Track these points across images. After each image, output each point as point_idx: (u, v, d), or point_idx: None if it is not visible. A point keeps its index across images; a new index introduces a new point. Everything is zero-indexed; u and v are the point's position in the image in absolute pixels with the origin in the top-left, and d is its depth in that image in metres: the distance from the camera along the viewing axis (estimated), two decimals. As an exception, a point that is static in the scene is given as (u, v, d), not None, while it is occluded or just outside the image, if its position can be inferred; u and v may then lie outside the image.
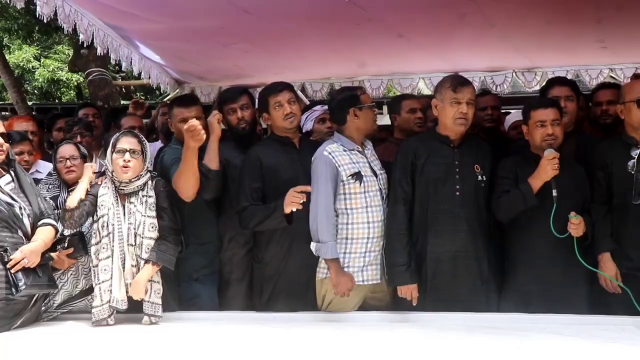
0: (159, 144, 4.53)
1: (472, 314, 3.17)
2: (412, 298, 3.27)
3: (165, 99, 7.56)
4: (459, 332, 2.92)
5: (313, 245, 3.30)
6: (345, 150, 3.37)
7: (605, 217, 3.28)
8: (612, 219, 3.29)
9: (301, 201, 3.20)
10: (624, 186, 3.24)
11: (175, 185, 3.38)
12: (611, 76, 5.38)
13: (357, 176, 3.33)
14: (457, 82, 3.29)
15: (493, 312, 3.24)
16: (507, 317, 3.14)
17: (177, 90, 5.84)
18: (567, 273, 3.23)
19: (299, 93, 5.24)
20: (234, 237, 3.52)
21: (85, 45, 5.45)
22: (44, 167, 3.98)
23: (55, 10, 3.62)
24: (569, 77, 4.98)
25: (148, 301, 3.22)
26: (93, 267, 3.23)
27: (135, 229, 3.25)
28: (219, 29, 4.22)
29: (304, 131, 4.02)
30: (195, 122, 3.23)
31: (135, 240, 3.25)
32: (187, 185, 3.35)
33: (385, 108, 7.55)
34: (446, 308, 3.21)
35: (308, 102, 5.46)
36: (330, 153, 3.35)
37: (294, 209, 3.22)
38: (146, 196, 3.30)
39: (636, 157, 3.23)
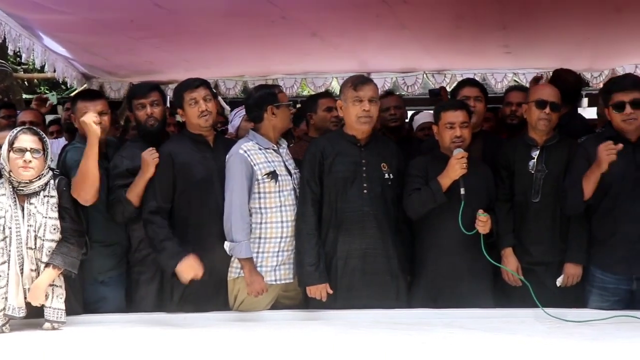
0: (62, 142, 4.34)
1: (382, 310, 3.22)
2: (321, 297, 3.29)
3: (72, 94, 7.27)
4: (368, 328, 2.97)
5: (227, 245, 3.27)
6: (260, 149, 3.36)
7: (508, 214, 3.42)
8: (514, 216, 3.43)
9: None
10: (525, 185, 3.40)
11: (73, 189, 3.23)
12: (515, 80, 5.66)
13: (273, 175, 3.32)
14: (357, 80, 3.34)
15: (403, 307, 3.31)
16: (415, 313, 3.22)
17: (85, 85, 5.64)
18: (473, 269, 3.34)
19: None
20: (145, 238, 3.41)
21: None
22: None
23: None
24: (476, 79, 5.17)
25: (49, 307, 3.07)
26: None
27: (35, 231, 3.09)
28: (129, 23, 4.09)
29: (231, 127, 3.97)
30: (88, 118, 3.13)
31: (35, 243, 3.09)
32: (87, 191, 3.22)
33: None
34: (357, 305, 3.25)
35: (222, 100, 5.42)
36: (245, 151, 3.32)
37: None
38: (48, 196, 3.14)
39: (536, 157, 3.39)
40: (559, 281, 3.34)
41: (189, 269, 3.23)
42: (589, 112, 6.16)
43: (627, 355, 2.58)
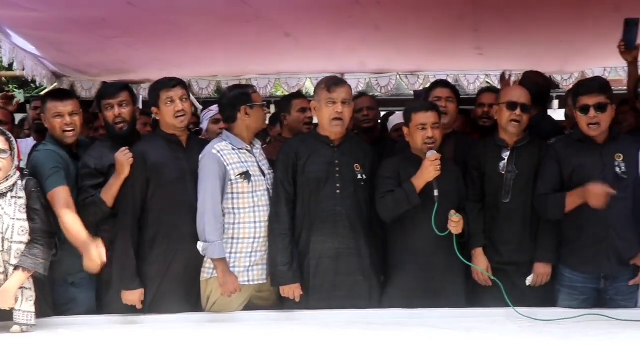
0: (31, 141, 4.26)
1: (356, 310, 3.24)
2: (294, 297, 3.31)
3: (41, 93, 7.17)
4: (342, 328, 2.99)
5: (200, 245, 3.26)
6: (234, 149, 3.35)
7: (479, 214, 3.45)
8: (485, 217, 3.46)
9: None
10: (495, 186, 3.43)
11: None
12: (487, 82, 5.72)
13: (246, 175, 3.32)
14: (331, 82, 3.37)
15: (376, 307, 3.33)
16: (388, 313, 3.24)
17: (55, 83, 5.55)
18: (446, 269, 3.37)
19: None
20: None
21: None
22: None
23: None
24: (449, 81, 5.21)
25: (19, 310, 3.02)
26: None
27: (3, 233, 3.03)
28: (101, 21, 4.05)
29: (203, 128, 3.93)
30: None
31: (3, 246, 3.04)
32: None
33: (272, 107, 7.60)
34: (330, 304, 3.27)
35: (195, 100, 5.39)
36: (218, 151, 3.31)
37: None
38: (15, 197, 3.08)
39: (506, 158, 3.43)
40: (528, 280, 3.38)
41: (130, 301, 3.26)
42: (559, 114, 6.26)
43: (595, 353, 2.63)
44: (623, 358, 2.57)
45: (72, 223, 3.18)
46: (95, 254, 3.11)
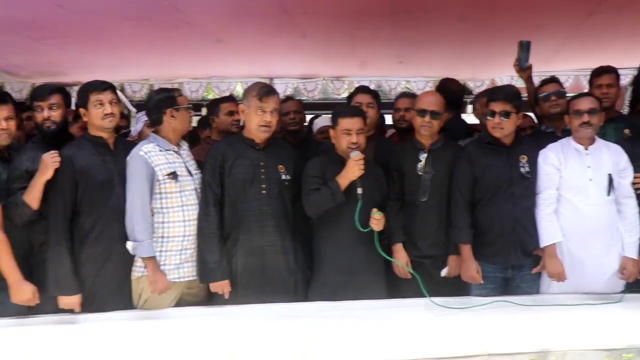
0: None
1: (283, 304, 3.35)
2: (224, 293, 3.41)
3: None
4: (269, 320, 3.12)
5: (129, 245, 3.30)
6: (161, 150, 3.40)
7: (399, 212, 3.65)
8: (404, 214, 3.66)
9: None
10: (414, 185, 3.64)
11: None
12: (407, 87, 5.98)
13: (173, 176, 3.37)
14: (263, 91, 3.45)
15: (302, 301, 3.44)
16: (313, 306, 3.37)
17: (-17, 85, 5.43)
18: (368, 264, 3.52)
19: (122, 96, 5.14)
20: (46, 241, 3.36)
21: None
22: None
23: None
24: (372, 86, 5.41)
25: None
26: None
27: None
28: (30, 23, 4.00)
29: (134, 131, 3.91)
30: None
31: None
32: None
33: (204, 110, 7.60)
34: (258, 300, 3.37)
35: (129, 103, 5.38)
36: (145, 153, 3.35)
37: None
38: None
39: (424, 160, 3.64)
40: (443, 272, 3.59)
41: (68, 305, 3.28)
42: (472, 118, 6.61)
43: (499, 332, 2.87)
44: (524, 336, 2.82)
45: (4, 259, 3.22)
46: (25, 299, 3.21)
